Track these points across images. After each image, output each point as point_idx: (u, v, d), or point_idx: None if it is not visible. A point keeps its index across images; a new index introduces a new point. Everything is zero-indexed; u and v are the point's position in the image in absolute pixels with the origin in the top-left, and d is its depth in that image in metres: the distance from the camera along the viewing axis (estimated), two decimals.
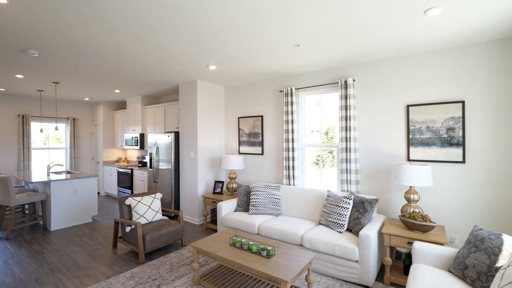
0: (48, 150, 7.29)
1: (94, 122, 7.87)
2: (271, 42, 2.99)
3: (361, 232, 2.78)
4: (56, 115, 5.77)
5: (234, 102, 5.17)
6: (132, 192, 6.43)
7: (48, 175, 5.18)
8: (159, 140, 5.39)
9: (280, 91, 4.44)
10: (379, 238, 3.00)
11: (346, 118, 3.72)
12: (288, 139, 4.27)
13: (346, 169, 3.72)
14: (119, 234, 4.03)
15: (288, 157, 4.27)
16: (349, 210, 3.18)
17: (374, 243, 2.75)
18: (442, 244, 2.50)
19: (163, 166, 5.29)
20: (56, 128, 5.31)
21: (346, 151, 3.72)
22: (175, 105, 5.71)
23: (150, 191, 4.06)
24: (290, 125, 4.24)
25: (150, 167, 5.58)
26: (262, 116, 4.72)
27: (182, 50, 3.25)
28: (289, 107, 4.24)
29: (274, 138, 4.59)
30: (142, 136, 6.57)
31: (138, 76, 4.57)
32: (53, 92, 6.04)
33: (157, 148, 5.43)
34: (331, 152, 4.85)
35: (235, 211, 4.07)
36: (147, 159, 6.71)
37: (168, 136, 5.16)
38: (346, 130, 3.72)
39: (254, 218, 3.67)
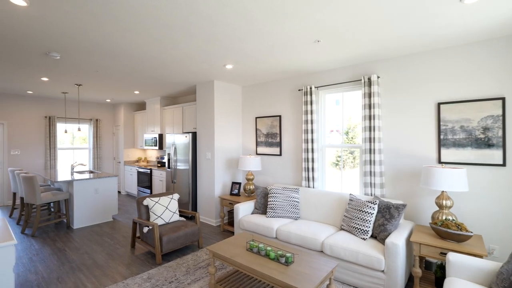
0: (73, 150, 7.56)
1: (115, 123, 8.07)
2: (290, 38, 2.85)
3: (388, 240, 2.58)
4: (78, 116, 5.92)
5: (251, 102, 5.08)
6: (151, 192, 6.51)
7: (72, 174, 5.33)
8: (177, 140, 5.40)
9: (299, 90, 4.29)
10: (407, 247, 2.78)
11: (370, 118, 3.51)
12: (307, 139, 4.11)
13: (370, 172, 3.50)
14: (137, 234, 4.04)
15: (308, 159, 4.11)
16: (374, 215, 2.99)
17: (402, 252, 2.54)
18: (480, 256, 2.26)
19: (180, 166, 5.30)
20: (79, 129, 5.47)
21: (370, 153, 3.51)
22: (193, 105, 5.70)
23: (168, 191, 4.05)
24: (309, 125, 4.07)
25: (168, 167, 5.61)
26: (280, 116, 4.59)
27: (198, 50, 3.20)
28: (309, 106, 4.08)
29: (292, 139, 4.45)
30: (161, 136, 6.63)
31: (156, 77, 4.58)
32: (77, 94, 6.24)
33: (175, 148, 5.44)
34: (351, 153, 4.63)
35: (252, 213, 3.97)
36: (165, 159, 6.77)
37: (186, 136, 5.16)
38: (370, 130, 3.51)
39: (272, 221, 3.55)
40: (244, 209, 3.91)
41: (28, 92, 6.06)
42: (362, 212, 3.04)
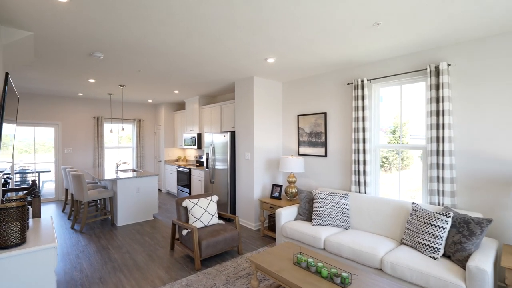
0: (118, 149, 7.90)
1: (156, 123, 8.28)
2: (342, 23, 2.47)
3: (471, 264, 2.08)
4: (122, 116, 6.09)
5: (293, 99, 4.74)
6: (190, 191, 6.51)
7: (116, 173, 5.49)
8: (215, 140, 5.27)
9: (348, 84, 3.85)
10: (495, 273, 2.24)
11: (438, 113, 2.97)
12: (357, 139, 3.67)
13: (437, 177, 2.97)
14: (176, 236, 3.97)
15: (358, 160, 3.66)
16: (447, 230, 2.48)
17: (490, 280, 2.03)
18: None
19: (219, 166, 5.16)
20: (123, 129, 5.61)
21: (438, 155, 2.97)
22: (231, 104, 5.54)
23: (207, 193, 3.90)
24: (360, 122, 3.62)
25: (207, 167, 5.51)
26: (325, 113, 4.19)
27: (239, 42, 2.96)
28: (359, 101, 3.63)
29: (340, 138, 4.02)
30: (199, 136, 6.60)
31: (195, 75, 4.48)
32: (122, 95, 6.45)
33: (213, 148, 5.32)
34: (398, 153, 4.05)
35: (295, 219, 3.64)
36: (204, 159, 6.73)
37: (224, 136, 4.99)
38: (438, 129, 2.97)
39: (319, 230, 3.19)
40: (286, 215, 3.60)
41: (79, 94, 6.41)
42: (431, 225, 2.55)
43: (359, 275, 2.17)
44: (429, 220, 2.59)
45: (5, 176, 6.20)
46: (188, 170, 6.55)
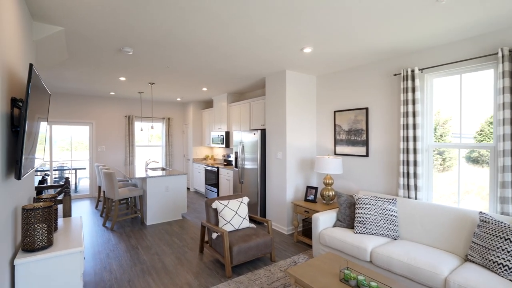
0: (148, 148, 7.99)
1: (185, 121, 8.27)
2: (396, 1, 2.10)
3: None
4: (152, 114, 6.08)
5: (329, 94, 4.37)
6: (218, 191, 6.36)
7: (146, 171, 5.48)
8: (244, 138, 5.05)
9: (395, 75, 3.42)
10: None
11: None
12: (407, 137, 3.24)
13: None
14: (206, 239, 3.80)
15: (408, 161, 3.23)
16: None
17: None
18: None
19: (248, 165, 4.93)
20: (152, 127, 5.58)
21: None
22: (261, 100, 5.28)
23: (237, 194, 3.68)
24: (410, 118, 3.19)
25: (236, 166, 5.31)
26: (366, 109, 3.78)
27: (274, 30, 2.68)
28: (409, 94, 3.20)
29: (384, 136, 3.60)
30: (227, 134, 6.43)
31: (223, 70, 4.27)
32: (151, 93, 6.47)
33: (243, 146, 5.10)
34: (440, 154, 3.51)
35: (334, 226, 3.30)
36: (232, 158, 6.56)
37: (254, 134, 4.75)
38: None
39: (363, 239, 2.82)
40: (324, 220, 3.27)
41: (111, 93, 6.52)
42: (509, 241, 2.10)
43: None
44: (506, 235, 2.14)
45: (43, 173, 6.48)
46: (216, 169, 6.41)
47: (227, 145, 6.44)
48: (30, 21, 2.45)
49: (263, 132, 4.69)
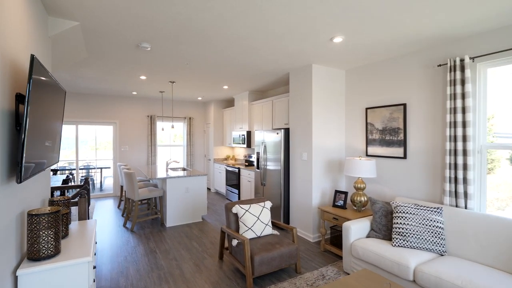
0: (170, 147, 7.98)
1: (206, 121, 8.16)
2: None
3: None
4: (172, 114, 5.98)
5: (359, 89, 3.99)
6: (239, 192, 6.15)
7: (167, 171, 5.39)
8: (266, 138, 4.79)
9: (439, 65, 2.99)
10: None
11: None
12: (455, 136, 2.81)
13: None
14: (226, 245, 3.58)
15: (455, 164, 2.80)
16: None
17: None
18: None
19: (271, 166, 4.66)
20: (172, 127, 5.49)
21: None
22: (284, 98, 4.99)
23: (259, 198, 3.43)
24: (459, 115, 2.76)
25: (258, 167, 5.07)
26: (404, 105, 3.37)
27: (301, 17, 2.39)
28: (458, 87, 2.77)
29: (425, 136, 3.18)
30: (249, 134, 6.20)
31: (245, 65, 4.04)
32: (172, 93, 6.39)
33: (265, 146, 4.84)
34: (480, 152, 2.98)
35: (368, 236, 2.94)
36: (253, 158, 6.32)
37: (277, 133, 4.47)
38: None
39: (404, 254, 2.46)
40: (356, 230, 2.92)
41: (133, 93, 6.53)
42: None
43: None
44: None
45: (68, 172, 6.61)
46: (237, 170, 6.21)
47: (249, 145, 6.22)
48: (45, 16, 2.36)
49: (287, 132, 4.40)
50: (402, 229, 2.66)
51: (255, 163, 5.18)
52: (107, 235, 4.24)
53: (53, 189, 3.56)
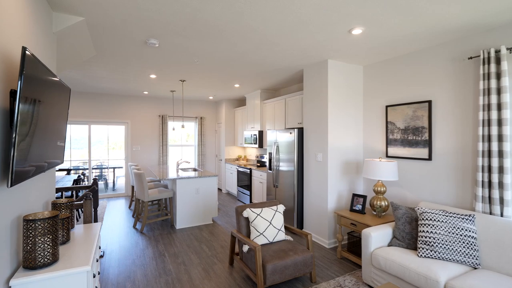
0: (181, 147, 7.92)
1: (217, 120, 8.05)
2: None
3: None
4: (182, 114, 5.92)
5: (379, 86, 3.74)
6: (250, 193, 5.99)
7: (177, 171, 5.29)
8: (279, 138, 4.60)
9: (470, 58, 2.72)
10: None
11: None
12: (488, 136, 2.53)
13: None
14: (236, 250, 3.43)
15: (490, 167, 2.52)
16: None
17: None
18: None
19: (283, 167, 4.47)
20: (182, 126, 5.40)
21: None
22: (297, 96, 4.79)
23: (271, 201, 3.25)
24: (494, 112, 2.48)
25: (270, 168, 4.89)
26: (429, 102, 3.10)
27: (317, 7, 2.19)
28: (492, 82, 2.49)
29: (454, 135, 2.91)
30: (260, 133, 6.03)
31: (257, 62, 3.87)
32: (184, 93, 6.31)
33: (277, 147, 4.65)
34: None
35: (390, 245, 2.71)
36: (265, 159, 6.14)
37: (291, 133, 4.28)
38: None
39: (432, 266, 2.21)
40: (377, 238, 2.69)
41: (144, 93, 6.49)
42: None
43: None
44: None
45: (80, 172, 6.65)
46: (248, 170, 6.05)
47: (261, 145, 6.04)
48: (49, 12, 2.27)
49: (300, 131, 4.20)
50: (429, 238, 2.41)
51: (267, 164, 5.00)
52: (117, 236, 4.18)
53: (62, 190, 3.52)
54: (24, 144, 1.42)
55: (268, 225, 2.93)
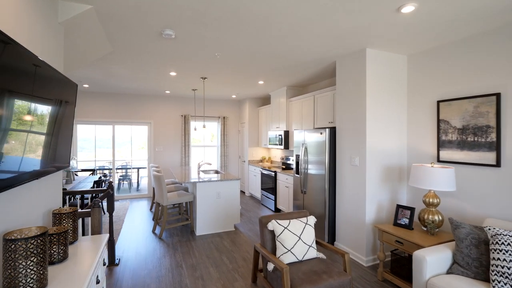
0: (204, 148, 7.70)
1: (240, 120, 7.74)
2: None
3: None
4: (204, 113, 5.64)
5: (427, 78, 3.18)
6: (275, 198, 5.59)
7: (198, 174, 5.04)
8: (307, 138, 4.16)
9: None
10: None
11: None
12: None
13: None
14: (260, 266, 3.06)
15: None
16: None
17: None
18: None
19: (312, 171, 4.02)
20: (204, 126, 5.13)
21: None
22: (328, 92, 4.31)
23: (299, 211, 2.84)
24: None
25: (297, 172, 4.46)
26: (497, 95, 2.52)
27: None
28: None
29: None
30: (286, 134, 5.61)
31: (282, 55, 3.46)
32: (206, 91, 6.06)
33: (306, 148, 4.21)
34: None
35: (449, 272, 2.18)
36: (291, 161, 5.71)
37: (321, 133, 3.82)
38: None
39: None
40: (433, 262, 2.18)
41: (166, 92, 6.33)
42: None
43: None
44: None
45: (102, 172, 6.62)
46: (273, 173, 5.65)
47: (286, 146, 5.62)
48: (54, 0, 2.05)
49: (332, 131, 3.73)
50: (508, 268, 1.87)
51: (293, 167, 4.58)
52: (135, 241, 3.98)
53: (78, 194, 3.36)
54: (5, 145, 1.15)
55: (297, 240, 2.52)
